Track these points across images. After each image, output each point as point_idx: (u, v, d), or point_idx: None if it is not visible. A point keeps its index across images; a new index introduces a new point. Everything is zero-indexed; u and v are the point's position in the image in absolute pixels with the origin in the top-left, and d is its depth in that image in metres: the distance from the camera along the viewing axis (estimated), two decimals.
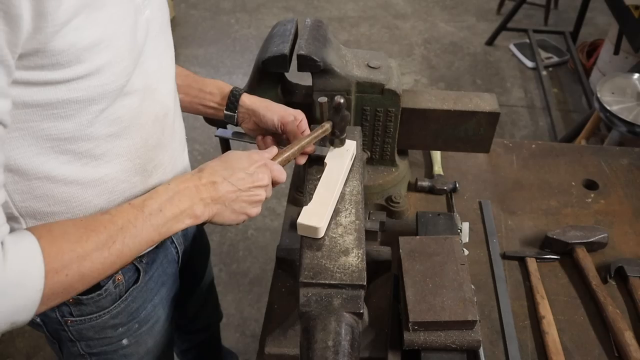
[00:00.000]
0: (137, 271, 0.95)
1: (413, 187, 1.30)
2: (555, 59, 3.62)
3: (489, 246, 1.17)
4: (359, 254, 0.83)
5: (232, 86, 1.03)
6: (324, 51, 1.07)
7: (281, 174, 0.88)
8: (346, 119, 0.95)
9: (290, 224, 1.22)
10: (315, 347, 0.76)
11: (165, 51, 0.84)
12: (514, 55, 3.74)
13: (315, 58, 1.04)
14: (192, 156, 2.86)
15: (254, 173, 0.82)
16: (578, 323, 1.03)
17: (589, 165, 1.40)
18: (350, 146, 0.99)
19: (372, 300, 1.00)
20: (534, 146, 1.46)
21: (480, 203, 1.28)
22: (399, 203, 1.21)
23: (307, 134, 0.95)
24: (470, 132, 1.19)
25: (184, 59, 3.55)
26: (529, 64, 3.60)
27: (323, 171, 0.94)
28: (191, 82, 1.03)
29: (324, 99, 0.96)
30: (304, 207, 0.87)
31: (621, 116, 2.06)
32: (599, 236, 1.14)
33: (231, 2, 4.31)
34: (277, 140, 1.01)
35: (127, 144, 0.78)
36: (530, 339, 1.00)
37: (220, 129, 1.11)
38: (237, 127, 1.06)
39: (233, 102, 1.01)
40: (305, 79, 1.08)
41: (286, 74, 1.15)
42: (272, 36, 1.13)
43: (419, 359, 0.86)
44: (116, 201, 0.82)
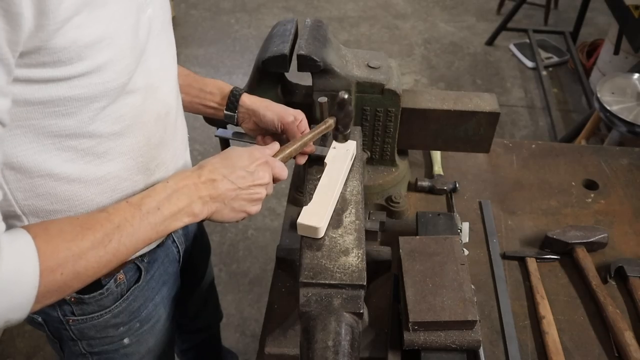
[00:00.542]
0: (139, 270, 0.95)
1: (413, 187, 1.30)
2: (555, 59, 3.62)
3: (489, 246, 1.17)
4: (359, 254, 0.83)
5: (232, 86, 1.03)
6: (324, 51, 1.07)
7: (282, 171, 0.87)
8: (350, 114, 0.95)
9: (290, 224, 1.22)
10: (315, 347, 0.76)
11: (167, 50, 0.84)
12: (514, 55, 3.74)
13: (315, 58, 1.04)
14: (192, 156, 2.83)
15: (254, 171, 0.82)
16: (578, 323, 1.03)
17: (589, 165, 1.40)
18: (350, 146, 0.99)
19: (372, 300, 1.00)
20: (534, 146, 1.46)
21: (480, 203, 1.28)
22: (399, 203, 1.21)
23: (308, 133, 0.95)
24: (470, 132, 1.19)
25: (184, 58, 3.55)
26: (529, 64, 3.60)
27: (323, 171, 0.94)
28: (191, 82, 1.03)
29: (324, 99, 0.96)
30: (304, 207, 0.87)
31: (621, 116, 2.06)
32: (599, 236, 1.14)
33: (231, 2, 4.31)
34: (277, 140, 1.01)
35: (130, 142, 0.78)
36: (530, 339, 1.00)
37: (220, 129, 1.12)
38: (237, 127, 1.06)
39: (233, 102, 1.01)
40: (305, 79, 1.08)
41: (286, 74, 1.15)
42: (272, 36, 1.13)
43: (419, 359, 0.86)
44: (118, 199, 0.81)
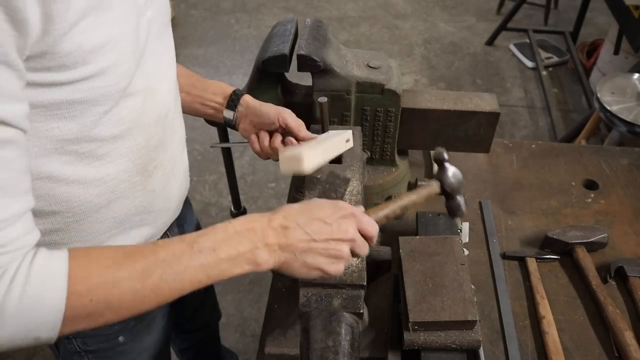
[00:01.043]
0: None
1: (413, 187, 1.30)
2: (555, 59, 3.62)
3: (489, 246, 1.17)
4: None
5: (234, 88, 1.03)
6: (324, 51, 1.07)
7: (372, 227, 0.74)
8: (457, 175, 0.82)
9: None
10: (315, 347, 0.76)
11: (165, 52, 0.85)
12: (514, 55, 3.74)
13: (315, 58, 1.04)
14: (192, 156, 2.86)
15: (334, 223, 0.71)
16: (578, 323, 1.03)
17: (589, 165, 1.40)
18: (346, 135, 0.94)
19: (372, 300, 1.00)
20: (534, 146, 1.46)
21: (480, 203, 1.28)
22: None
23: (405, 196, 0.84)
24: (470, 132, 1.19)
25: (184, 59, 3.55)
26: (529, 64, 3.60)
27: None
28: (194, 82, 1.03)
29: (324, 99, 0.96)
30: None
31: (621, 116, 2.06)
32: (599, 236, 1.14)
33: (231, 2, 4.31)
34: (271, 135, 0.99)
35: (130, 144, 0.78)
36: (530, 339, 1.00)
37: (214, 142, 1.12)
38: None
39: (234, 100, 1.01)
40: (305, 79, 1.08)
41: (286, 74, 1.15)
42: (272, 36, 1.13)
43: (419, 359, 0.86)
44: (116, 201, 0.82)
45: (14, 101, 0.56)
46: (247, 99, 1.01)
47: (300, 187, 1.25)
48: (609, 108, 2.09)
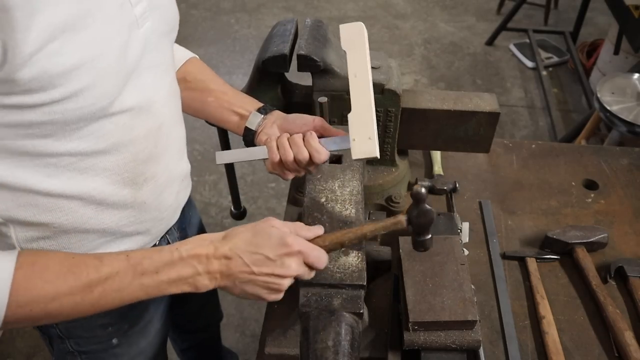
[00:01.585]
0: None
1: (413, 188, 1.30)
2: (555, 59, 3.62)
3: (489, 246, 1.17)
4: (359, 254, 0.83)
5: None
6: (324, 51, 1.07)
7: (319, 261, 0.75)
8: (428, 215, 0.78)
9: None
10: (315, 347, 0.76)
11: (163, 61, 0.82)
12: (514, 55, 3.74)
13: (315, 58, 1.04)
14: (192, 156, 2.86)
15: (277, 260, 0.72)
16: (578, 323, 1.03)
17: (589, 165, 1.40)
18: (355, 29, 0.85)
19: (372, 300, 1.00)
20: (534, 146, 1.46)
21: (480, 203, 1.28)
22: (399, 203, 1.21)
23: (371, 224, 0.80)
24: (470, 132, 1.19)
25: None
26: (529, 64, 3.60)
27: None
28: (226, 90, 1.00)
29: (324, 99, 0.96)
30: (352, 122, 0.82)
31: (621, 116, 2.06)
32: (599, 236, 1.14)
33: (231, 2, 4.31)
34: (296, 136, 0.89)
35: (115, 158, 0.76)
36: (530, 339, 1.00)
37: (219, 152, 0.98)
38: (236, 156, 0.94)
39: (266, 108, 0.96)
40: (305, 79, 1.08)
41: (286, 74, 1.15)
42: (272, 36, 1.13)
43: (419, 359, 0.86)
44: (105, 212, 0.80)
45: None
46: (278, 111, 0.97)
47: (300, 187, 1.25)
48: (609, 108, 2.09)
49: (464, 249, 0.98)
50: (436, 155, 1.38)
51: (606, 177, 1.36)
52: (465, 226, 1.18)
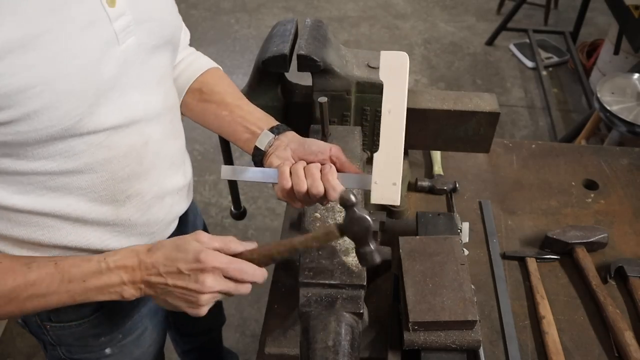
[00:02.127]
0: None
1: (413, 187, 1.30)
2: (555, 59, 3.62)
3: (489, 246, 1.17)
4: None
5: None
6: (324, 51, 1.07)
7: (242, 273, 0.74)
8: (362, 223, 0.72)
9: (290, 223, 1.22)
10: (315, 347, 0.76)
11: (153, 77, 0.79)
12: (514, 55, 3.74)
13: (315, 58, 1.04)
14: (192, 156, 2.84)
15: (191, 275, 0.71)
16: (578, 323, 1.03)
17: (589, 165, 1.40)
18: (398, 59, 0.77)
19: (372, 300, 1.00)
20: (534, 146, 1.46)
21: (480, 203, 1.28)
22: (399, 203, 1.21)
23: (301, 236, 0.77)
24: (470, 132, 1.19)
25: None
26: (529, 64, 3.60)
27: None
28: (242, 105, 0.96)
29: (324, 99, 0.96)
30: (376, 166, 0.77)
31: (621, 116, 2.06)
32: (599, 236, 1.14)
33: (231, 2, 4.31)
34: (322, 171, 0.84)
35: (89, 177, 0.74)
36: (530, 339, 1.00)
37: (225, 167, 0.92)
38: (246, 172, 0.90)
39: (279, 128, 0.91)
40: (305, 79, 1.08)
41: (286, 74, 1.15)
42: (272, 36, 1.13)
43: (419, 359, 0.86)
44: (85, 229, 0.78)
45: None
46: (293, 132, 0.92)
47: None
48: (609, 108, 2.09)
49: (464, 249, 0.98)
50: (436, 155, 1.38)
51: (606, 177, 1.36)
52: (465, 226, 1.18)
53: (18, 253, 0.76)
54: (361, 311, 0.80)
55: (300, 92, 1.18)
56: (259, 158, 0.90)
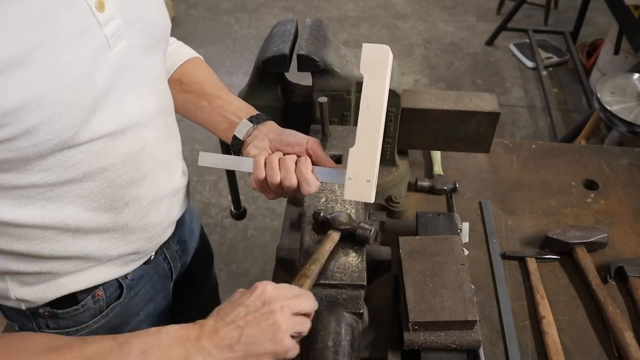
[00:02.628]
0: (120, 287, 0.90)
1: (413, 187, 1.30)
2: (555, 59, 3.62)
3: (489, 246, 1.17)
4: (359, 254, 0.83)
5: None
6: (324, 51, 1.07)
7: (308, 305, 0.71)
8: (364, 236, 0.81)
9: (290, 223, 1.22)
10: (315, 347, 0.76)
11: (147, 79, 0.77)
12: (514, 55, 3.74)
13: (315, 58, 1.04)
14: (192, 156, 2.86)
15: (261, 308, 0.68)
16: (578, 323, 1.03)
17: (589, 165, 1.40)
18: (380, 52, 0.76)
19: (372, 300, 1.00)
20: (534, 146, 1.46)
21: (480, 203, 1.28)
22: (399, 203, 1.21)
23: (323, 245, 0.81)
24: (470, 132, 1.19)
25: None
26: (529, 64, 3.60)
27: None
28: (222, 94, 0.95)
29: (324, 99, 0.96)
30: (350, 163, 0.77)
31: (621, 116, 2.06)
32: (599, 236, 1.14)
33: (231, 2, 4.31)
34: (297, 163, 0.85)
35: (88, 186, 0.72)
36: (530, 339, 1.00)
37: (203, 153, 0.92)
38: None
39: (258, 117, 0.90)
40: (305, 79, 1.08)
41: (286, 74, 1.15)
42: (272, 36, 1.13)
43: (419, 359, 0.86)
44: (84, 237, 0.77)
45: None
46: (272, 122, 0.92)
47: None
48: (609, 108, 2.09)
49: (464, 249, 0.98)
50: (436, 155, 1.38)
51: (606, 177, 1.36)
52: (465, 226, 1.18)
53: (17, 266, 0.75)
54: (361, 311, 0.80)
55: (300, 92, 1.18)
56: (237, 147, 0.90)
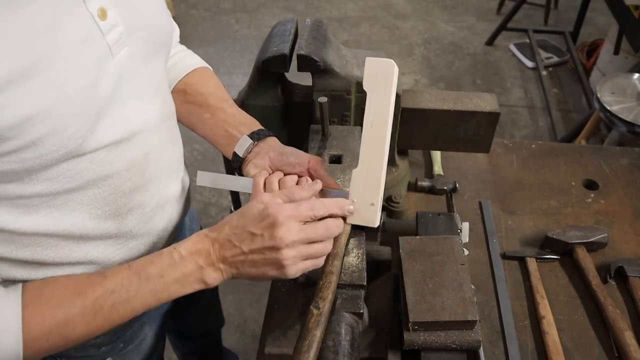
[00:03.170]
0: None
1: (413, 187, 1.30)
2: (555, 59, 3.62)
3: (489, 246, 1.17)
4: (359, 254, 0.83)
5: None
6: (324, 51, 1.07)
7: (315, 210, 0.71)
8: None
9: None
10: None
11: (149, 85, 0.77)
12: (514, 55, 3.74)
13: (315, 58, 1.04)
14: (192, 156, 2.86)
15: (264, 233, 0.68)
16: (578, 323, 1.03)
17: (589, 165, 1.40)
18: (384, 67, 0.71)
19: (372, 300, 1.00)
20: (534, 146, 1.46)
21: (480, 203, 1.28)
22: (399, 203, 1.21)
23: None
24: (470, 132, 1.19)
25: None
26: (529, 64, 3.60)
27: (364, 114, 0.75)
28: (225, 107, 0.94)
29: (324, 99, 0.96)
30: (354, 186, 0.75)
31: (621, 116, 2.06)
32: (599, 236, 1.14)
33: (231, 2, 4.31)
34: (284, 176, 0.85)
35: (92, 193, 0.72)
36: (530, 339, 1.00)
37: (201, 173, 0.91)
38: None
39: (260, 134, 0.89)
40: (305, 79, 1.08)
41: (286, 74, 1.15)
42: (272, 36, 1.13)
43: (419, 359, 0.86)
44: (88, 244, 0.77)
45: None
46: (274, 139, 0.90)
47: None
48: (609, 108, 2.09)
49: (464, 249, 0.98)
50: (436, 155, 1.38)
51: (606, 177, 1.36)
52: (465, 226, 1.18)
53: (20, 273, 0.75)
54: (361, 311, 0.80)
55: (300, 92, 1.18)
56: (237, 164, 0.90)
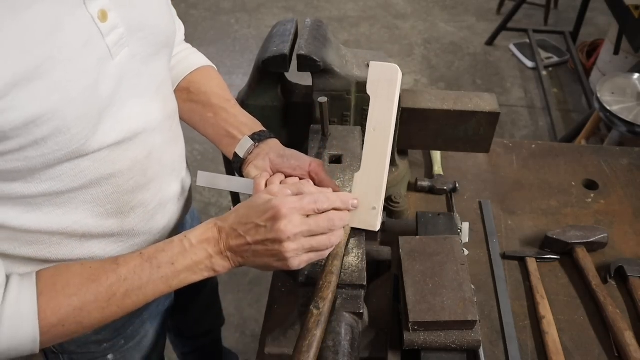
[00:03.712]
0: None
1: (413, 187, 1.30)
2: (555, 59, 3.62)
3: (489, 246, 1.17)
4: (359, 254, 0.83)
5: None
6: (324, 51, 1.07)
7: (319, 203, 0.71)
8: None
9: None
10: None
11: (151, 84, 0.77)
12: (514, 55, 3.74)
13: (315, 58, 1.04)
14: (192, 156, 2.86)
15: (267, 225, 0.69)
16: (578, 323, 1.03)
17: (589, 165, 1.40)
18: (387, 72, 0.72)
19: (372, 300, 1.00)
20: (534, 146, 1.46)
21: (480, 203, 1.28)
22: (399, 203, 1.21)
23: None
24: (470, 132, 1.19)
25: None
26: (529, 64, 3.60)
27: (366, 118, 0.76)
28: (228, 107, 0.95)
29: (324, 99, 0.96)
30: (356, 187, 0.75)
31: (621, 116, 2.06)
32: (599, 236, 1.14)
33: (231, 2, 4.31)
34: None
35: (95, 192, 0.73)
36: (530, 339, 1.00)
37: (202, 173, 0.91)
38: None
39: (262, 135, 0.90)
40: (305, 79, 1.08)
41: (286, 74, 1.15)
42: (272, 36, 1.13)
43: (419, 359, 0.86)
44: (90, 241, 0.78)
45: None
46: (275, 140, 0.91)
47: None
48: (609, 108, 2.09)
49: (464, 249, 0.98)
50: (436, 155, 1.38)
51: (606, 177, 1.36)
52: (465, 226, 1.18)
53: (23, 270, 0.75)
54: (361, 311, 0.80)
55: (300, 92, 1.18)
56: (238, 165, 0.90)
